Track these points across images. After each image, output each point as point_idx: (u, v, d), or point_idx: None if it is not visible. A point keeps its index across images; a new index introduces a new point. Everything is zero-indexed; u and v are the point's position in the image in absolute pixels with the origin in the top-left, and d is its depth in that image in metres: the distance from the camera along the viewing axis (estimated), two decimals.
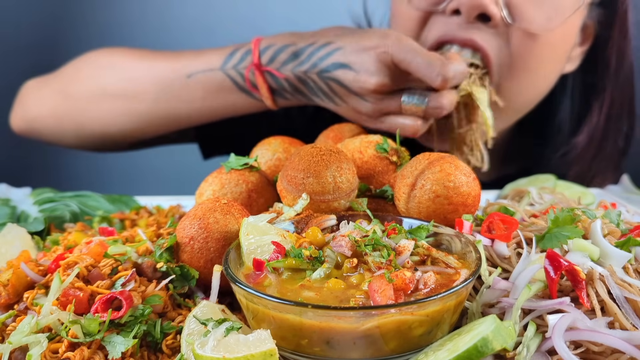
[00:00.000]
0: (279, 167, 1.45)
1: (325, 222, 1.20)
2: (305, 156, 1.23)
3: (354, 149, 1.38)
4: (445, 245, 1.17)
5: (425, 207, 1.22)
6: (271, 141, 1.51)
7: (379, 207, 1.34)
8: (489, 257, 1.19)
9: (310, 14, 2.91)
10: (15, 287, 1.14)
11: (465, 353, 0.91)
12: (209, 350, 0.90)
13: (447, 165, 1.22)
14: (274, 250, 1.08)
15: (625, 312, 1.04)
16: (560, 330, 0.99)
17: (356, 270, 1.04)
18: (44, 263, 1.21)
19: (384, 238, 1.09)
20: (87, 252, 1.19)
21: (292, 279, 1.04)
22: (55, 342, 1.03)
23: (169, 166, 2.85)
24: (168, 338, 1.07)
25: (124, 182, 3.33)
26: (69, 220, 1.57)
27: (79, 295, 1.06)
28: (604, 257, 1.14)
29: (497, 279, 1.10)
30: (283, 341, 0.97)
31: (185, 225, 1.19)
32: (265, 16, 2.53)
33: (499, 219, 1.23)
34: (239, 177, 1.34)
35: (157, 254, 1.18)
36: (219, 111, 1.80)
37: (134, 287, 1.11)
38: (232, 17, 3.11)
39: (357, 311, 0.92)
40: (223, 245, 1.16)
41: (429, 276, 1.01)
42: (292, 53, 1.61)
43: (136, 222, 1.52)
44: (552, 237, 1.16)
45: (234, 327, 0.96)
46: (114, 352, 1.00)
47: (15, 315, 1.11)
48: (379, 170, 1.38)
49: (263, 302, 0.96)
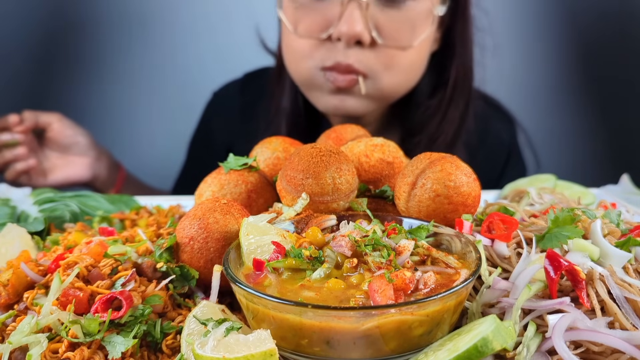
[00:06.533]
0: (278, 165, 1.45)
1: (325, 222, 1.19)
2: (305, 156, 1.23)
3: (360, 152, 1.38)
4: (445, 245, 1.17)
5: (426, 207, 1.22)
6: (272, 140, 1.51)
7: (379, 207, 1.34)
8: (489, 257, 1.19)
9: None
10: (15, 287, 1.14)
11: (465, 353, 0.91)
12: (209, 350, 0.90)
13: (448, 165, 1.22)
14: (274, 250, 1.08)
15: (625, 312, 1.04)
16: (560, 330, 0.99)
17: (356, 270, 1.04)
18: (44, 263, 1.21)
19: (384, 238, 1.09)
20: (87, 252, 1.19)
21: (292, 279, 1.04)
22: (55, 342, 1.03)
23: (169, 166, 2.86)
24: (168, 338, 1.07)
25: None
26: (69, 220, 1.57)
27: (79, 295, 1.06)
28: (604, 257, 1.14)
29: (497, 279, 1.10)
30: (283, 341, 0.97)
31: (185, 225, 1.19)
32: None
33: (499, 219, 1.23)
34: (238, 177, 1.34)
35: (157, 254, 1.18)
36: None
37: (134, 287, 1.11)
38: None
39: (357, 311, 0.92)
40: (223, 245, 1.16)
41: (429, 276, 1.01)
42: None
43: (136, 222, 1.52)
44: (552, 237, 1.16)
45: (234, 327, 0.96)
46: (114, 352, 1.00)
47: (15, 315, 1.11)
48: (385, 174, 1.37)
49: (263, 302, 0.96)
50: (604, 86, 3.22)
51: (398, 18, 1.88)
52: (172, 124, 3.22)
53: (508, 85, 2.99)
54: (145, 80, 3.26)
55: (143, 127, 3.31)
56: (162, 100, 3.29)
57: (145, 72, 3.25)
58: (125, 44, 3.20)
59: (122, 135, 3.20)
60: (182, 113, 2.97)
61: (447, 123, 2.14)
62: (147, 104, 3.29)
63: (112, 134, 3.12)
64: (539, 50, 3.25)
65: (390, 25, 1.87)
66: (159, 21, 3.21)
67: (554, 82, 3.30)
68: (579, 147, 3.31)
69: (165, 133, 3.27)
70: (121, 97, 3.25)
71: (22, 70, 3.07)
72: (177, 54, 3.25)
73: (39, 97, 3.11)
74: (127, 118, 3.28)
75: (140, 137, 3.30)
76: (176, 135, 2.89)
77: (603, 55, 3.18)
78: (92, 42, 3.17)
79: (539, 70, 3.29)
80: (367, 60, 1.88)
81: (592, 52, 3.21)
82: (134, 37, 3.20)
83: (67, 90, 3.17)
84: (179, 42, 3.23)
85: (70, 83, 3.17)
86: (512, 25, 3.17)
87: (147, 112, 3.30)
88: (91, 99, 3.21)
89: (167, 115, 3.29)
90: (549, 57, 3.25)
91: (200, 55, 3.23)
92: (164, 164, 2.95)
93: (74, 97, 3.18)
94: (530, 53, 3.24)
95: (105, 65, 3.21)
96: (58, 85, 3.15)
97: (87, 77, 3.20)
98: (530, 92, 3.29)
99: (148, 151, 3.27)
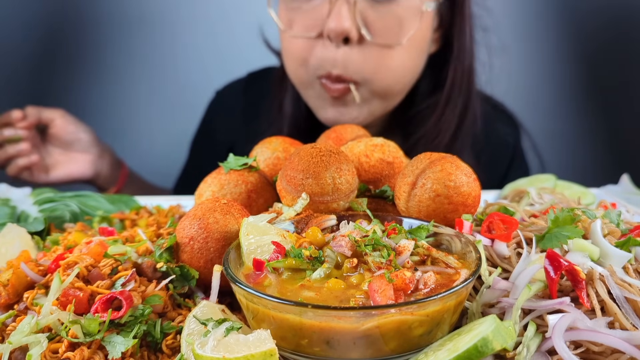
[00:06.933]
0: (278, 165, 1.45)
1: (325, 222, 1.19)
2: (305, 156, 1.23)
3: (360, 152, 1.38)
4: (445, 245, 1.17)
5: (426, 206, 1.22)
6: (272, 140, 1.51)
7: (379, 207, 1.34)
8: (489, 257, 1.19)
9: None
10: (15, 287, 1.14)
11: (465, 353, 0.91)
12: (209, 350, 0.90)
13: (449, 165, 1.22)
14: (274, 250, 1.08)
15: (625, 312, 1.04)
16: (560, 330, 0.99)
17: (356, 270, 1.04)
18: (44, 263, 1.21)
19: (384, 238, 1.09)
20: (87, 252, 1.19)
21: (292, 279, 1.04)
22: (55, 342, 1.03)
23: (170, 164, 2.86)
24: (168, 338, 1.07)
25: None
26: (69, 220, 1.57)
27: (79, 295, 1.06)
28: (604, 257, 1.14)
29: (497, 279, 1.10)
30: (283, 341, 0.97)
31: (185, 225, 1.19)
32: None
33: (499, 219, 1.23)
34: (238, 177, 1.34)
35: (157, 254, 1.18)
36: None
37: (134, 287, 1.11)
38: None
39: (357, 311, 0.92)
40: (223, 245, 1.16)
41: (429, 276, 1.01)
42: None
43: (136, 222, 1.52)
44: (552, 237, 1.16)
45: (234, 327, 0.96)
46: (114, 352, 1.00)
47: (15, 315, 1.11)
48: (385, 174, 1.37)
49: (263, 302, 0.96)
50: (604, 86, 3.23)
51: (386, 14, 1.88)
52: (173, 123, 3.22)
53: (508, 85, 2.99)
54: (146, 79, 3.26)
55: (144, 126, 3.31)
56: (163, 99, 3.29)
57: (146, 70, 3.25)
58: (126, 43, 3.20)
59: (123, 134, 3.20)
60: (183, 112, 2.98)
61: (444, 122, 2.14)
62: (148, 103, 3.29)
63: (113, 132, 3.12)
64: (539, 50, 3.25)
65: (379, 22, 1.88)
66: (161, 19, 3.21)
67: (554, 82, 3.31)
68: (579, 148, 3.31)
69: (166, 132, 3.27)
70: (122, 96, 3.25)
71: (23, 69, 3.07)
72: (178, 53, 3.25)
73: (40, 95, 3.11)
74: (128, 117, 3.28)
75: (141, 135, 3.30)
76: (177, 134, 2.89)
77: (603, 55, 3.18)
78: (93, 41, 3.17)
79: (539, 71, 3.29)
80: (356, 65, 1.89)
81: (592, 53, 3.22)
82: (135, 36, 3.20)
83: (69, 89, 3.17)
84: (180, 41, 3.23)
85: (72, 82, 3.17)
86: (513, 26, 3.17)
87: (148, 111, 3.30)
88: (92, 98, 3.21)
89: (168, 114, 3.29)
90: (549, 58, 3.26)
91: (201, 54, 3.23)
92: (165, 163, 2.95)
93: (76, 96, 3.18)
94: (530, 53, 3.24)
95: (106, 64, 3.21)
96: (59, 84, 3.16)
97: (88, 76, 3.20)
98: (530, 92, 3.29)
99: (149, 150, 3.27)
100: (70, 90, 3.17)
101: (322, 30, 1.89)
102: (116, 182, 2.33)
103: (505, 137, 2.39)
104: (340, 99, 1.96)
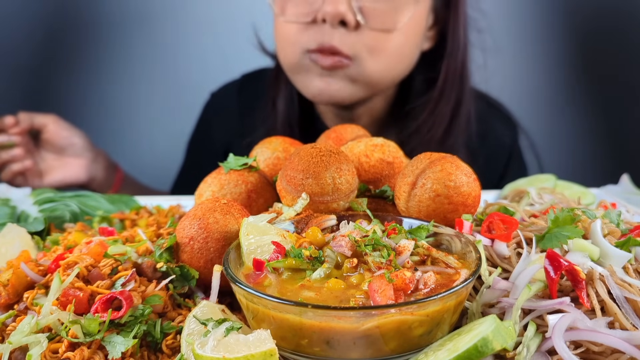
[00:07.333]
0: (278, 165, 1.45)
1: (325, 222, 1.19)
2: (305, 156, 1.23)
3: (360, 152, 1.38)
4: (445, 245, 1.17)
5: (426, 206, 1.22)
6: (272, 140, 1.51)
7: (379, 207, 1.34)
8: (489, 257, 1.19)
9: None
10: (15, 287, 1.14)
11: (465, 353, 0.91)
12: (209, 350, 0.90)
13: (449, 164, 1.22)
14: (274, 250, 1.08)
15: (625, 312, 1.04)
16: (560, 330, 0.99)
17: (356, 270, 1.04)
18: (44, 263, 1.21)
19: (384, 238, 1.09)
20: (87, 252, 1.19)
21: (292, 279, 1.04)
22: (55, 342, 1.03)
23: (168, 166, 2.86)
24: (168, 338, 1.07)
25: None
26: (69, 220, 1.57)
27: (79, 295, 1.06)
28: (604, 257, 1.14)
29: (497, 279, 1.10)
30: (283, 341, 0.97)
31: (185, 225, 1.19)
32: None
33: (499, 219, 1.23)
34: (238, 177, 1.34)
35: (157, 254, 1.18)
36: None
37: (134, 287, 1.11)
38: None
39: (357, 311, 0.92)
40: (223, 245, 1.16)
41: (429, 276, 1.01)
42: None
43: (136, 222, 1.52)
44: (552, 237, 1.16)
45: (234, 327, 0.96)
46: (114, 352, 1.00)
47: (15, 315, 1.11)
48: (385, 174, 1.37)
49: (263, 302, 0.96)
50: (604, 86, 3.23)
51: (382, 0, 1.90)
52: (171, 125, 3.22)
53: (507, 85, 2.99)
54: (144, 81, 3.26)
55: (142, 127, 3.30)
56: (161, 100, 3.29)
57: (144, 72, 3.25)
58: (124, 44, 3.20)
59: (121, 135, 3.21)
60: (181, 113, 2.97)
61: (437, 116, 2.14)
62: (146, 104, 3.29)
63: (111, 133, 3.13)
64: (538, 50, 3.25)
65: (374, 7, 1.89)
66: (159, 21, 3.21)
67: (554, 82, 3.30)
68: (579, 147, 3.31)
69: (164, 133, 3.27)
70: (120, 97, 3.25)
71: (21, 69, 3.07)
72: (176, 54, 3.24)
73: (39, 96, 3.11)
74: (126, 118, 3.28)
75: (139, 137, 3.30)
76: (175, 135, 2.89)
77: (603, 55, 3.18)
78: (91, 42, 3.16)
79: (539, 70, 3.29)
80: (352, 42, 1.90)
81: (592, 52, 3.22)
82: (133, 37, 3.20)
83: (67, 90, 3.17)
84: (178, 43, 3.23)
85: (70, 83, 3.17)
86: (511, 26, 3.17)
87: (146, 112, 3.30)
88: (90, 99, 3.21)
89: (166, 115, 3.29)
90: (549, 57, 3.25)
91: (199, 56, 3.23)
92: (163, 164, 2.95)
93: (74, 97, 3.18)
94: (529, 53, 3.24)
95: (104, 65, 3.20)
96: (57, 85, 3.15)
97: (86, 77, 3.19)
98: (530, 92, 3.29)
99: (147, 151, 3.26)
100: (68, 91, 3.17)
101: (317, 16, 1.90)
102: (111, 185, 2.34)
103: (502, 136, 2.39)
104: (330, 70, 1.95)
